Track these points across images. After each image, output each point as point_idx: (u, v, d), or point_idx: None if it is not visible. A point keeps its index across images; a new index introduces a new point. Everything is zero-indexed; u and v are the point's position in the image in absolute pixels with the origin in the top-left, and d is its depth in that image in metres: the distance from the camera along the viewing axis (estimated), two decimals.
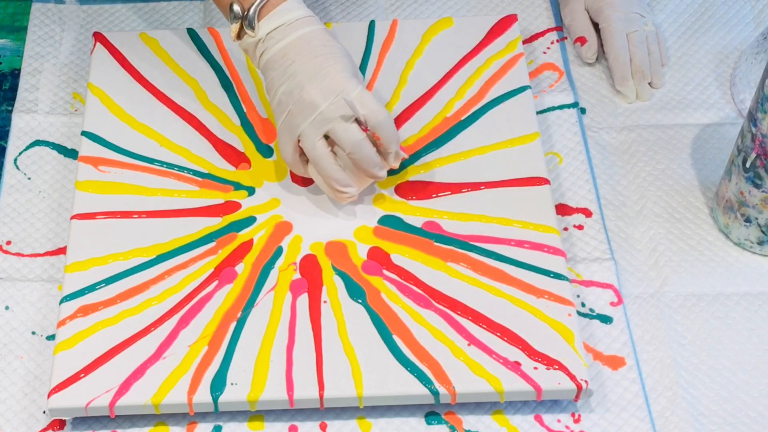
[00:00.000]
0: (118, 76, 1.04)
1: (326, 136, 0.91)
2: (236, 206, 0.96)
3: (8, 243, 0.97)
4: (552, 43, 1.10)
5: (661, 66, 1.07)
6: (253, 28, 0.91)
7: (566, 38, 1.11)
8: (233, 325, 0.89)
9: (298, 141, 0.92)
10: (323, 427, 0.87)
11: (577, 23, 1.09)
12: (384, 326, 0.89)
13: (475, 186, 0.97)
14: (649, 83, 1.06)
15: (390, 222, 0.95)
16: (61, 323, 0.89)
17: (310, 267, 0.93)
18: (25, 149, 1.03)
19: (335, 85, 0.89)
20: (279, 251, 0.94)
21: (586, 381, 0.85)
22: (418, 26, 1.08)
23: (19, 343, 0.92)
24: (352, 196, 0.93)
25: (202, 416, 0.88)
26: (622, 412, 0.88)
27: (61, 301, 0.90)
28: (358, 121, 0.90)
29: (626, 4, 1.07)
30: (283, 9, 0.92)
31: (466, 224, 0.95)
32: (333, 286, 0.91)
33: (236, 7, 0.92)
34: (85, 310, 0.90)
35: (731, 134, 1.03)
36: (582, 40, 1.08)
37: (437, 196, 0.97)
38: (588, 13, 1.09)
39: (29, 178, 1.01)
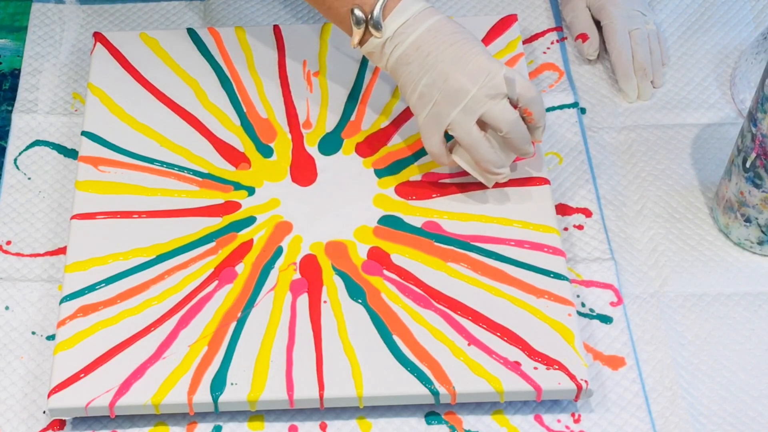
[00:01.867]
0: (118, 76, 1.04)
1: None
2: (236, 206, 0.96)
3: (8, 243, 0.97)
4: (552, 43, 1.10)
5: (661, 65, 1.07)
6: (379, 29, 0.91)
7: (566, 38, 1.11)
8: (233, 325, 0.89)
9: (445, 132, 0.91)
10: (323, 427, 0.87)
11: (579, 20, 1.09)
12: (384, 326, 0.89)
13: (475, 186, 0.97)
14: (651, 82, 1.06)
15: (390, 222, 0.95)
16: (61, 323, 0.89)
17: (310, 267, 0.93)
18: (25, 149, 1.03)
19: (481, 69, 0.89)
20: (279, 251, 0.93)
21: (586, 381, 0.85)
22: None
23: (19, 343, 0.92)
24: (506, 176, 0.93)
25: (202, 416, 0.88)
26: (622, 412, 0.88)
27: (61, 301, 0.90)
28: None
29: (628, 1, 1.07)
30: (406, 3, 0.91)
31: (466, 224, 0.95)
32: (333, 286, 0.91)
33: (358, 12, 0.91)
34: (85, 310, 0.90)
35: (731, 134, 1.03)
36: (583, 37, 1.08)
37: (437, 196, 0.97)
38: (589, 11, 1.09)
39: (29, 178, 1.01)
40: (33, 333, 0.92)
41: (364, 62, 1.05)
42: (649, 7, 1.09)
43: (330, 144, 1.00)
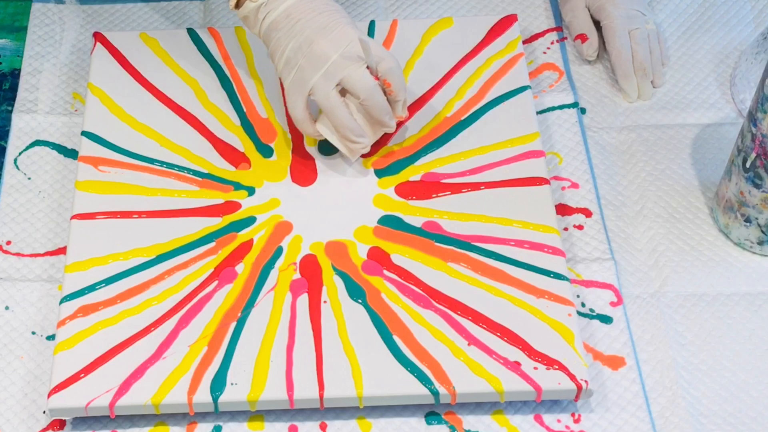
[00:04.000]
0: (118, 76, 1.04)
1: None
2: (236, 206, 0.96)
3: (8, 243, 0.97)
4: (552, 43, 1.10)
5: (661, 65, 1.07)
6: None
7: (566, 38, 1.11)
8: (233, 325, 0.89)
9: (308, 98, 0.94)
10: (323, 427, 0.87)
11: (578, 20, 1.09)
12: (384, 326, 0.89)
13: (475, 186, 0.97)
14: (651, 82, 1.06)
15: (390, 222, 0.95)
16: (61, 323, 0.89)
17: (310, 267, 0.93)
18: (25, 149, 1.03)
19: (344, 36, 0.92)
20: (279, 251, 0.94)
21: (586, 381, 0.85)
22: (418, 26, 1.08)
23: (19, 343, 0.92)
24: (366, 146, 0.96)
25: (202, 416, 0.88)
26: (622, 412, 0.88)
27: (61, 301, 0.90)
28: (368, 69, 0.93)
29: (627, 1, 1.07)
30: None
31: (466, 224, 0.95)
32: (333, 286, 0.91)
33: None
34: (85, 310, 0.90)
35: (731, 134, 1.03)
36: (583, 38, 1.08)
37: (437, 196, 0.97)
38: (588, 11, 1.09)
39: (29, 178, 1.01)
40: (33, 333, 0.92)
41: None
42: (648, 7, 1.09)
43: (330, 144, 1.00)
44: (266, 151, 1.00)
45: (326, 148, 1.00)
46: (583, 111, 1.06)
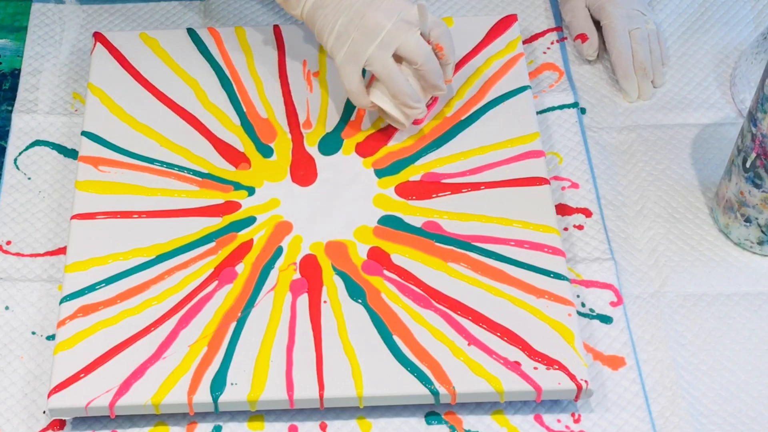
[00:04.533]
0: (118, 76, 1.04)
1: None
2: (236, 206, 0.96)
3: (8, 243, 0.97)
4: (552, 43, 1.10)
5: (661, 65, 1.07)
6: None
7: (566, 38, 1.11)
8: (233, 325, 0.89)
9: (362, 69, 0.95)
10: (323, 427, 0.87)
11: (578, 20, 1.09)
12: (384, 326, 0.89)
13: (475, 186, 0.97)
14: (651, 82, 1.06)
15: (390, 222, 0.95)
16: (61, 323, 0.89)
17: (310, 267, 0.93)
18: (25, 149, 1.03)
19: (394, 5, 0.94)
20: (279, 251, 0.94)
21: (586, 381, 0.85)
22: None
23: (19, 343, 0.92)
24: (423, 111, 0.96)
25: (202, 416, 0.88)
26: (622, 412, 0.88)
27: (61, 301, 0.90)
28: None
29: (627, 1, 1.07)
30: None
31: (466, 224, 0.95)
32: (333, 286, 0.91)
33: None
34: (85, 310, 0.90)
35: (731, 134, 1.03)
36: (583, 37, 1.08)
37: (437, 196, 0.97)
38: (588, 11, 1.09)
39: (29, 178, 1.01)
40: (33, 333, 0.92)
41: None
42: (648, 7, 1.09)
43: (330, 144, 1.00)
44: (266, 151, 1.00)
45: (326, 148, 1.00)
46: (583, 111, 1.06)
